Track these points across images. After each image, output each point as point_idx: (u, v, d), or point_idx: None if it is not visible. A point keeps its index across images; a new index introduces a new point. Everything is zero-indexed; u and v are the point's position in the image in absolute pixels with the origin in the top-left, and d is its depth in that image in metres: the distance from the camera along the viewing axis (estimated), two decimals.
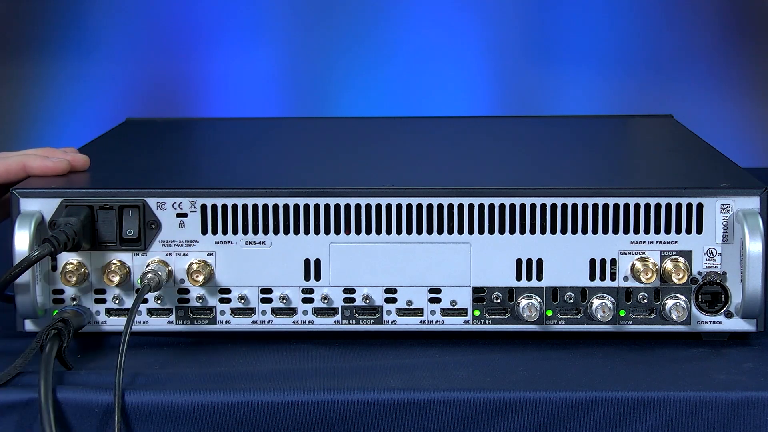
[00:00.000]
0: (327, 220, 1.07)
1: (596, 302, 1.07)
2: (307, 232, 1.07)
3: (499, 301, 1.08)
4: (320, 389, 0.99)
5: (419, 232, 1.07)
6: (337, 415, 0.98)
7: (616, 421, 0.98)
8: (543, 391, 0.98)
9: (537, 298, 1.07)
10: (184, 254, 1.08)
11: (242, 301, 1.08)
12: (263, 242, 1.08)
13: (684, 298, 1.07)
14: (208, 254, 1.08)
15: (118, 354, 0.98)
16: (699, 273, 1.07)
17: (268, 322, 1.09)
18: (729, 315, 1.08)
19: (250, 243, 1.08)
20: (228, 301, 1.09)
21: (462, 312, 1.08)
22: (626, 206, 1.07)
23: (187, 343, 1.10)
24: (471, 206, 1.07)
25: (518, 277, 1.07)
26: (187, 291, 1.09)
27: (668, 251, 1.07)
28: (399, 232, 1.07)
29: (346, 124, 1.57)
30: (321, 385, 1.00)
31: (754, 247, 1.04)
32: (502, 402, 0.98)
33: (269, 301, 1.08)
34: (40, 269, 1.07)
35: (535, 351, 1.07)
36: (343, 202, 1.07)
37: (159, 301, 1.09)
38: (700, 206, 1.06)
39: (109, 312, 1.09)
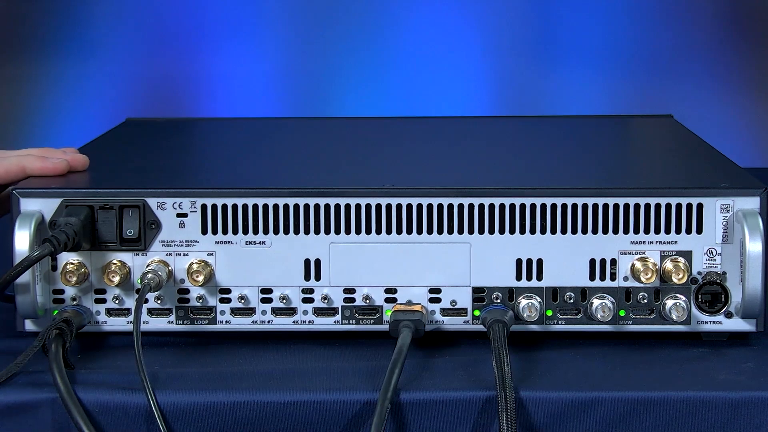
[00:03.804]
0: (327, 220, 1.07)
1: (596, 302, 1.07)
2: (307, 232, 1.07)
3: (499, 301, 1.08)
4: (320, 389, 0.99)
5: (419, 232, 1.07)
6: (337, 415, 0.98)
7: (616, 421, 0.98)
8: (543, 391, 0.98)
9: (537, 298, 1.07)
10: (184, 254, 1.08)
11: (242, 301, 1.08)
12: (263, 242, 1.08)
13: (684, 298, 1.07)
14: (208, 254, 1.08)
15: (135, 356, 0.99)
16: (699, 273, 1.07)
17: (268, 322, 1.09)
18: (729, 315, 1.08)
19: (250, 243, 1.08)
20: (228, 301, 1.09)
21: (462, 312, 1.08)
22: (626, 206, 1.07)
23: (188, 343, 1.10)
24: (471, 206, 1.07)
25: (518, 277, 1.07)
26: (187, 291, 1.09)
27: (668, 251, 1.07)
28: (399, 232, 1.07)
29: (346, 124, 1.57)
30: (321, 385, 1.00)
31: (754, 247, 1.04)
32: None
33: (269, 301, 1.08)
34: (41, 269, 1.07)
35: (536, 351, 1.07)
36: (343, 202, 1.07)
37: (159, 301, 1.09)
38: (700, 206, 1.06)
39: (110, 312, 1.09)
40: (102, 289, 1.08)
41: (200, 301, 1.09)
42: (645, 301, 1.07)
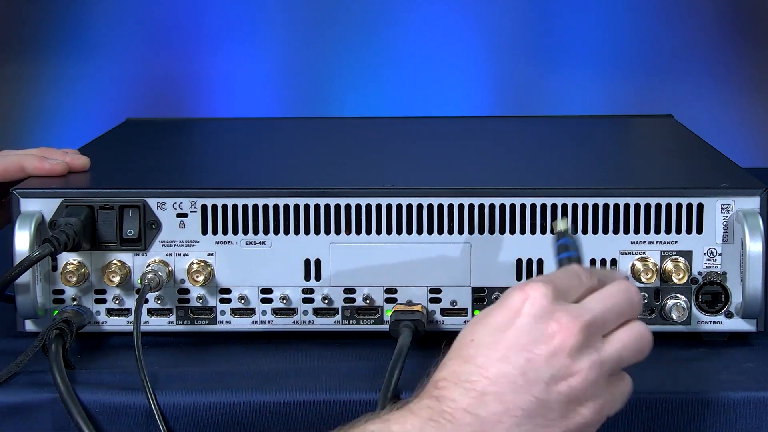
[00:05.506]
0: (327, 220, 1.07)
1: None
2: (307, 232, 1.07)
3: None
4: (320, 389, 0.99)
5: (419, 232, 1.07)
6: (337, 415, 0.98)
7: (616, 421, 0.97)
8: None
9: None
10: (184, 254, 1.08)
11: (242, 301, 1.08)
12: (263, 242, 1.08)
13: (684, 298, 1.07)
14: (208, 254, 1.08)
15: (135, 356, 0.99)
16: (699, 273, 1.07)
17: (268, 322, 1.09)
18: (729, 315, 1.08)
19: (250, 243, 1.08)
20: (228, 301, 1.09)
21: (462, 312, 1.08)
22: (626, 206, 1.07)
23: (187, 343, 1.10)
24: (471, 206, 1.07)
25: (518, 277, 1.07)
26: (187, 291, 1.09)
27: (668, 251, 1.07)
28: (399, 232, 1.07)
29: (346, 124, 1.57)
30: (321, 385, 1.00)
31: (755, 247, 1.04)
32: None
33: (269, 301, 1.08)
34: (41, 269, 1.07)
35: None
36: (343, 202, 1.07)
37: (159, 302, 1.09)
38: (700, 206, 1.06)
39: (110, 312, 1.09)
40: (102, 289, 1.08)
41: (200, 301, 1.09)
42: (645, 301, 1.07)
